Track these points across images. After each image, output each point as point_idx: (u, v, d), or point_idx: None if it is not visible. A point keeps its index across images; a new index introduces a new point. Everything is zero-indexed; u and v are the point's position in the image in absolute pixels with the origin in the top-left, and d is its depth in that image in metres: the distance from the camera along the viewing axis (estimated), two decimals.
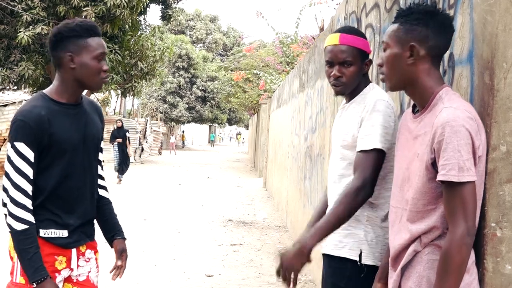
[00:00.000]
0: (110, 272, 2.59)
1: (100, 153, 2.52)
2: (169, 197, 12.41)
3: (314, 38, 12.09)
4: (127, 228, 3.52)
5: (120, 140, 15.27)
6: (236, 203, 11.89)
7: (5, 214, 2.18)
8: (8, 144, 2.20)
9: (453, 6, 2.11)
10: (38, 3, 15.99)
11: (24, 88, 20.82)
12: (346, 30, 2.42)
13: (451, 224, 1.72)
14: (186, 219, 9.41)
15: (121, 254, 2.59)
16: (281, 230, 8.76)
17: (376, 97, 2.30)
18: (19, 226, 2.15)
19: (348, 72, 2.33)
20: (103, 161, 2.63)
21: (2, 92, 19.16)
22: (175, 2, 23.29)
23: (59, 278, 2.30)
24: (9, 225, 2.16)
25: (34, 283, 2.16)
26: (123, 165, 15.23)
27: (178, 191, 13.75)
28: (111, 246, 2.61)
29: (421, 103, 1.88)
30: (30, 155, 2.18)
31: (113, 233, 2.60)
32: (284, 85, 11.00)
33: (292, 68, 11.78)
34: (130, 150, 15.51)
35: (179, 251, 6.90)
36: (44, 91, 2.33)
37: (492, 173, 1.75)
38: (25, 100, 17.24)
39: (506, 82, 1.72)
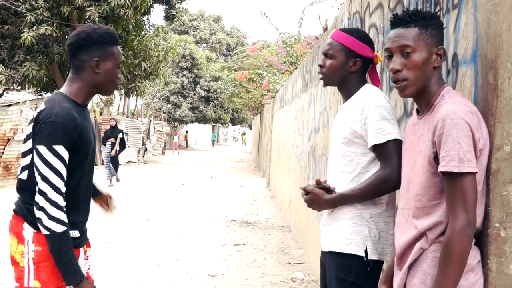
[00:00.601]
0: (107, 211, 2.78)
1: None
2: (172, 197, 12.42)
3: (317, 38, 12.08)
4: (130, 228, 3.52)
5: (113, 140, 14.26)
6: (239, 203, 11.90)
7: (40, 218, 2.15)
8: (43, 147, 2.16)
9: (457, 6, 2.10)
10: (42, 4, 16.03)
11: (28, 89, 20.87)
12: (344, 28, 2.60)
13: (451, 215, 1.74)
14: (189, 219, 9.42)
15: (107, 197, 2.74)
16: (284, 230, 8.76)
17: (374, 94, 2.41)
18: (60, 228, 2.15)
19: (328, 64, 2.50)
20: None
21: (6, 92, 19.21)
22: (178, 2, 23.32)
23: None
24: (48, 228, 2.14)
25: (72, 285, 2.20)
26: (114, 164, 14.26)
27: (181, 191, 13.76)
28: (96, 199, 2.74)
29: (426, 104, 1.91)
30: (66, 157, 2.19)
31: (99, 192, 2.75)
32: (288, 85, 11.00)
33: (296, 68, 11.78)
34: (114, 151, 14.22)
35: (182, 251, 6.90)
36: (62, 91, 2.33)
37: (496, 173, 1.75)
38: (28, 100, 17.29)
39: (510, 82, 1.71)
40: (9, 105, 14.62)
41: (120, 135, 14.43)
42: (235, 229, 8.71)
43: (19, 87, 19.89)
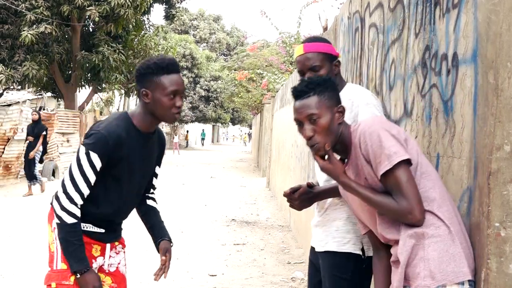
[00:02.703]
0: (155, 275, 2.74)
1: (154, 178, 2.89)
2: (172, 197, 12.41)
3: None
4: (130, 227, 3.53)
5: (31, 138, 11.51)
6: (239, 203, 11.90)
7: (54, 207, 2.36)
8: (82, 148, 2.35)
9: (457, 6, 2.10)
10: (42, 3, 16.04)
11: (28, 88, 20.87)
12: (308, 39, 2.62)
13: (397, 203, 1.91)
14: (189, 219, 9.42)
15: (165, 253, 2.74)
16: (284, 229, 8.77)
17: (360, 92, 2.48)
18: (70, 220, 2.34)
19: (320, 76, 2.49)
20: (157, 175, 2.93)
21: (6, 92, 19.22)
22: (178, 2, 23.33)
23: (94, 265, 2.52)
24: (59, 217, 2.35)
25: (77, 274, 2.35)
26: (30, 167, 11.46)
27: (182, 191, 13.76)
28: (157, 248, 2.77)
29: (346, 149, 2.10)
30: (98, 165, 2.35)
31: (161, 237, 2.77)
32: (288, 85, 11.00)
33: (296, 68, 11.76)
34: (36, 151, 11.46)
35: (182, 251, 6.90)
36: (129, 113, 2.49)
37: (496, 173, 1.75)
38: (28, 99, 17.28)
39: (510, 81, 1.72)
40: (9, 105, 14.64)
41: (44, 132, 11.69)
42: (235, 228, 8.72)
43: (19, 87, 19.89)
